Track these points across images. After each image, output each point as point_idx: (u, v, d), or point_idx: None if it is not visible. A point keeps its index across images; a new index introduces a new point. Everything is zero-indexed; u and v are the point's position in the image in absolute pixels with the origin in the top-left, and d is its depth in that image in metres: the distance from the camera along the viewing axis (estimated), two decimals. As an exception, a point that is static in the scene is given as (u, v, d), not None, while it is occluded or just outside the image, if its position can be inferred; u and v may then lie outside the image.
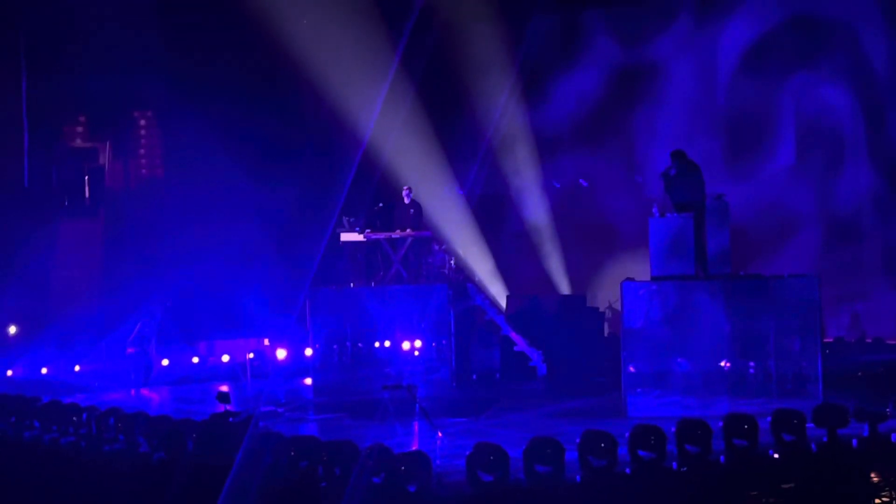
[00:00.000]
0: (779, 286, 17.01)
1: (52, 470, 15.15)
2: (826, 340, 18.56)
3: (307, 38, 28.20)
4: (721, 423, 12.49)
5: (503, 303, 25.89)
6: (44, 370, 23.24)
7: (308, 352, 21.36)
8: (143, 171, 32.49)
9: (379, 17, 29.24)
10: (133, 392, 20.01)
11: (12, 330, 24.70)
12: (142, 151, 32.56)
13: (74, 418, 15.56)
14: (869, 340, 21.33)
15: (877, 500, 12.97)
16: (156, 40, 28.39)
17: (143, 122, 32.56)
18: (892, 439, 13.08)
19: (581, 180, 27.54)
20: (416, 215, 22.08)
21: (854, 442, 12.91)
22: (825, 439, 12.83)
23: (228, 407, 14.11)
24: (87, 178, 31.31)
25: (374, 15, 29.25)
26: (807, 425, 12.70)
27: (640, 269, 18.15)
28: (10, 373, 22.95)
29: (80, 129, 32.38)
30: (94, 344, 24.43)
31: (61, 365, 23.51)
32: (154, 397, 21.04)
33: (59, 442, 15.46)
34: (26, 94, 23.21)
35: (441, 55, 28.20)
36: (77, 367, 23.62)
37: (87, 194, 31.26)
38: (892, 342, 20.54)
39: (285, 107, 28.91)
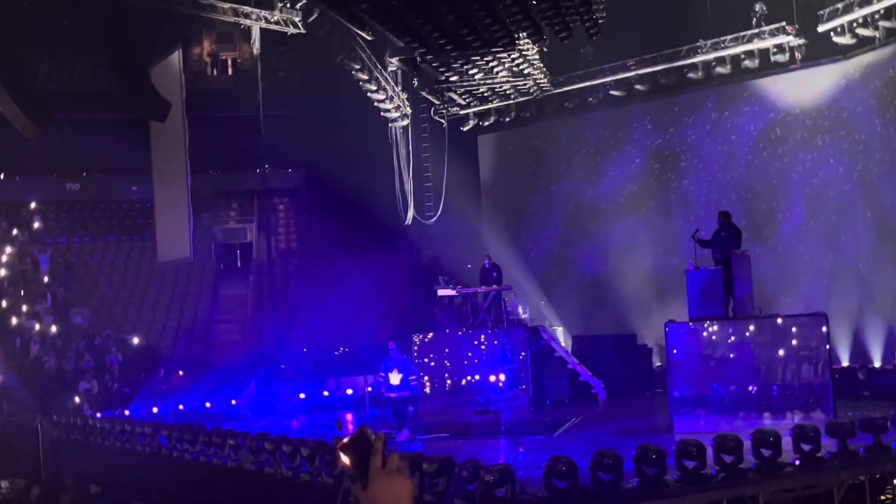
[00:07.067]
0: (794, 323, 16.72)
1: (215, 482, 15.33)
2: (835, 367, 18.16)
3: (404, 143, 28.61)
4: (751, 437, 12.26)
5: (569, 342, 25.74)
6: (207, 404, 23.53)
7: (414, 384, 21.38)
8: (282, 245, 33.01)
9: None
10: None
11: (181, 373, 25.07)
12: (281, 230, 33.14)
13: (231, 441, 15.70)
14: (869, 367, 20.82)
15: (882, 497, 12.67)
16: (289, 145, 28.98)
17: (281, 207, 33.17)
18: (893, 447, 12.77)
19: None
20: (497, 275, 22.10)
21: (861, 450, 12.61)
22: (837, 448, 12.54)
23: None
24: (238, 251, 31.94)
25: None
26: (821, 437, 12.43)
27: (679, 312, 17.93)
28: (181, 406, 23.28)
29: (233, 213, 33.08)
30: (245, 382, 24.73)
31: (221, 399, 23.80)
32: (295, 424, 21.14)
33: (221, 460, 15.62)
34: (191, 187, 23.76)
35: (516, 144, 28.39)
36: (233, 401, 23.90)
37: (238, 264, 31.85)
38: (889, 367, 20.00)
39: (392, 191, 29.25)
